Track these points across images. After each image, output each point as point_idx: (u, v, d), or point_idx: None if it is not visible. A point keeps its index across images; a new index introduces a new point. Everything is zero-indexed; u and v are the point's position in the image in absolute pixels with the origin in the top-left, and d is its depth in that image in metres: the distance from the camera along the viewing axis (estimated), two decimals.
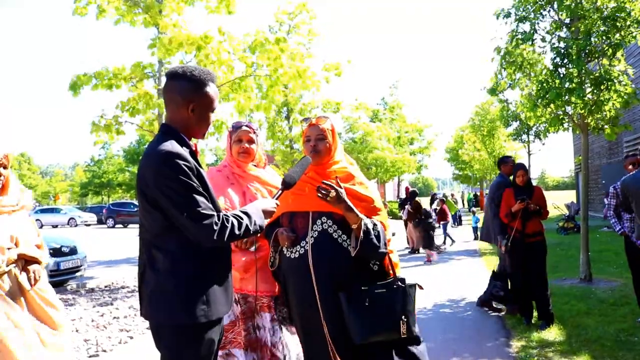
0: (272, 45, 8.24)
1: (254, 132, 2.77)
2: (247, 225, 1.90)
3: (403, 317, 2.22)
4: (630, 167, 5.12)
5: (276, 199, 2.18)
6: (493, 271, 5.78)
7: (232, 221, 1.87)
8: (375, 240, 2.24)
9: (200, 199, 1.80)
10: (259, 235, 2.28)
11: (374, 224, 2.29)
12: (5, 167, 2.89)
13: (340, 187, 2.23)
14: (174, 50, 7.77)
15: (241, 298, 2.59)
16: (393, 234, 12.81)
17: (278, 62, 8.25)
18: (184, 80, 1.91)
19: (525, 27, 9.75)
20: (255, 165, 2.81)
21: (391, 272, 2.38)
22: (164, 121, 2.01)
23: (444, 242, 14.49)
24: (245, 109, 8.73)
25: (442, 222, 14.51)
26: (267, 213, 2.05)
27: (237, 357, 2.51)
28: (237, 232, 1.87)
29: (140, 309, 1.95)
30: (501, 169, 5.91)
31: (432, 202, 20.11)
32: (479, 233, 14.38)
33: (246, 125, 2.77)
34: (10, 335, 2.63)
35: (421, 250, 12.42)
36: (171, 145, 1.82)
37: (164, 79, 8.22)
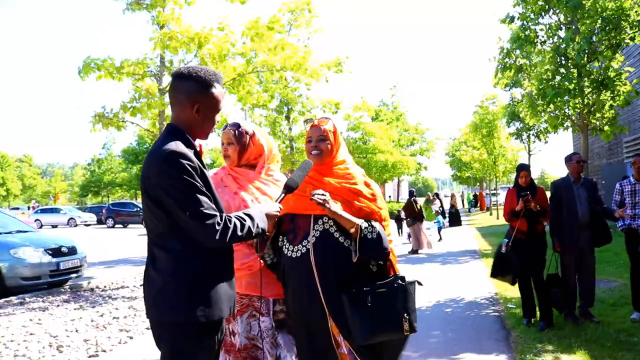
0: (266, 29, 8.21)
1: (235, 133, 2.65)
2: (249, 227, 1.91)
3: (405, 314, 2.24)
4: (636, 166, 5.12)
5: (279, 202, 2.19)
6: (551, 275, 5.10)
7: (234, 222, 1.88)
8: (374, 243, 2.26)
9: (203, 198, 1.81)
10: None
11: (372, 226, 2.30)
12: None
13: (326, 197, 2.22)
14: (173, 44, 7.75)
15: None
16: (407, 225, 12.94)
17: (278, 50, 8.24)
18: (189, 81, 1.92)
19: (528, 31, 9.81)
20: (251, 165, 2.71)
21: (391, 270, 2.39)
22: (164, 121, 2.02)
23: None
24: (246, 102, 8.73)
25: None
26: (270, 216, 2.06)
27: None
28: (239, 233, 1.88)
29: (145, 309, 1.96)
30: (567, 168, 5.17)
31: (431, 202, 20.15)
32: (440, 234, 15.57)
33: (230, 126, 2.67)
34: None
35: (420, 250, 12.57)
36: (176, 145, 1.83)
37: (165, 79, 8.30)
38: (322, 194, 2.22)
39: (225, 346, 2.53)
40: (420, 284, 2.37)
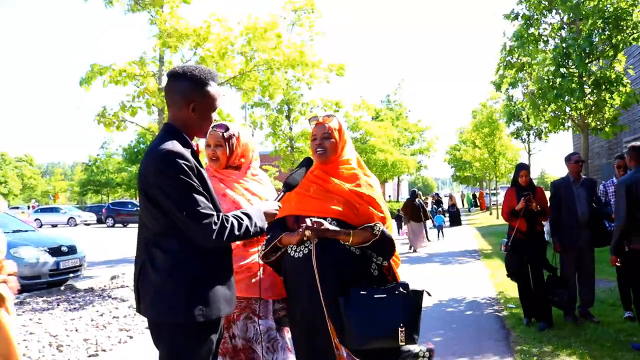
0: (264, 31, 8.21)
1: (223, 135, 2.61)
2: (247, 227, 1.91)
3: (402, 324, 2.16)
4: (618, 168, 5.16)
5: (278, 200, 2.18)
6: (552, 276, 5.06)
7: (231, 221, 1.87)
8: (382, 242, 2.26)
9: (199, 198, 1.81)
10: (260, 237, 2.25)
11: (373, 228, 2.29)
12: None
13: (316, 224, 2.20)
14: (172, 42, 7.74)
15: None
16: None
17: (278, 50, 8.25)
18: (184, 80, 1.92)
19: (531, 29, 9.80)
20: (236, 167, 2.67)
21: (396, 276, 2.37)
22: (164, 120, 2.01)
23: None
24: (249, 98, 8.73)
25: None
26: (268, 215, 2.05)
27: None
28: (236, 232, 1.87)
29: (137, 306, 1.95)
30: (567, 168, 5.14)
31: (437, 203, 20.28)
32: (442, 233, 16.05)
33: (216, 127, 2.63)
34: None
35: (418, 249, 12.85)
36: (172, 145, 1.83)
37: (164, 78, 8.28)
38: (315, 222, 2.20)
39: (227, 351, 2.51)
40: (429, 294, 2.29)
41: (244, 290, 2.49)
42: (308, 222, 2.22)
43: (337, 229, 2.25)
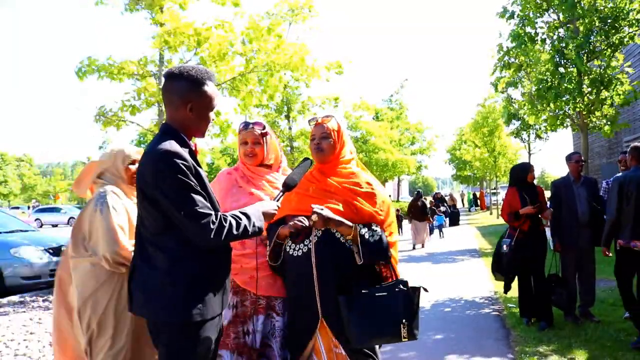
0: (267, 32, 8.20)
1: (261, 133, 2.64)
2: (245, 226, 1.91)
3: (404, 321, 2.20)
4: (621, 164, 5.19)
5: (277, 201, 2.18)
6: (553, 275, 5.08)
7: (230, 221, 1.87)
8: (374, 246, 2.26)
9: (197, 197, 1.81)
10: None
11: (372, 230, 2.29)
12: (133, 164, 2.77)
13: (321, 210, 2.21)
14: (173, 41, 7.73)
15: (239, 301, 2.54)
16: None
17: (278, 51, 8.25)
18: (181, 80, 1.92)
19: (527, 28, 9.79)
20: (267, 165, 2.69)
21: (393, 275, 2.38)
22: (163, 120, 2.02)
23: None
24: (248, 105, 8.72)
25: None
26: (267, 215, 2.06)
27: (223, 357, 2.46)
28: (234, 232, 1.87)
29: (129, 305, 1.96)
30: (568, 167, 5.14)
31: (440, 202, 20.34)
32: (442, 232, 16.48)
33: (253, 125, 2.65)
34: None
35: (417, 246, 13.35)
36: (170, 145, 1.83)
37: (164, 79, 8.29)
38: (321, 209, 2.21)
39: (239, 347, 2.52)
40: (426, 290, 2.33)
41: (265, 288, 2.51)
42: (315, 207, 2.21)
43: (341, 218, 2.25)
